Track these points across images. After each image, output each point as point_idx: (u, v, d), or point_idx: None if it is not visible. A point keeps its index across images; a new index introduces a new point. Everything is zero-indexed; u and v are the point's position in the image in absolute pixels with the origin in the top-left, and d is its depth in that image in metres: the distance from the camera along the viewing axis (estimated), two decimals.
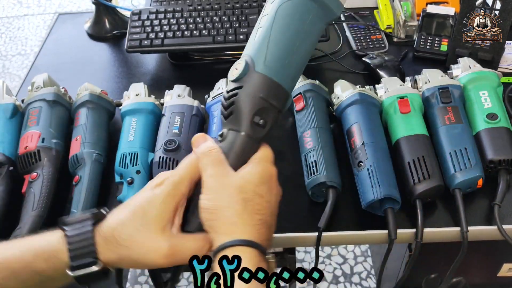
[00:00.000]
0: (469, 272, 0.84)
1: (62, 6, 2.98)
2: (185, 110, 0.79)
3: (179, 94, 0.83)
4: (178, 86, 0.85)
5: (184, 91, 0.84)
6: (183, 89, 0.84)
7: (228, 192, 0.46)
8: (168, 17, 0.99)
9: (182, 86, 0.85)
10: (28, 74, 1.03)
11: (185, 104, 0.80)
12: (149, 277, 1.51)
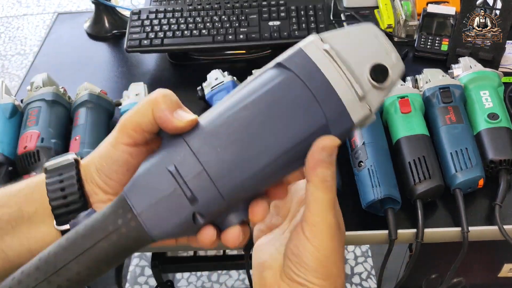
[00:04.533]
0: (469, 272, 0.84)
1: (61, 5, 2.97)
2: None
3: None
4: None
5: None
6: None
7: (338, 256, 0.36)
8: (168, 16, 0.99)
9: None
10: (28, 74, 1.03)
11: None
12: (148, 278, 1.51)
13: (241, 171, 0.32)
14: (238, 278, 1.51)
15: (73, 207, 0.37)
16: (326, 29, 0.94)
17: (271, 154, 0.32)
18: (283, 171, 0.34)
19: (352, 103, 0.33)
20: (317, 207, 0.34)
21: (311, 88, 0.33)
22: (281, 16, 0.97)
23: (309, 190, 0.34)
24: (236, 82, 0.84)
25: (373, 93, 0.34)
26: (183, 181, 0.31)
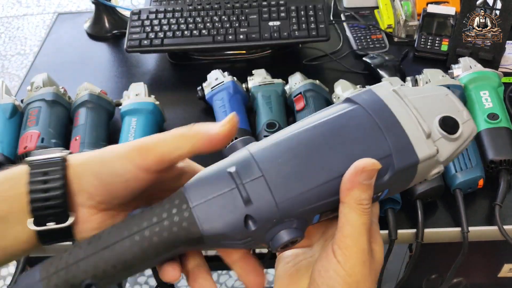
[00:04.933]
0: (469, 272, 0.84)
1: (61, 5, 2.97)
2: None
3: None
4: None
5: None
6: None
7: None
8: (168, 16, 0.99)
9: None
10: (28, 74, 1.03)
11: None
12: (148, 278, 1.51)
13: (298, 184, 0.32)
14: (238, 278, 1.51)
15: (52, 210, 0.34)
16: (326, 29, 0.94)
17: (329, 174, 0.33)
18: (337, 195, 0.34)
19: (418, 139, 0.33)
20: (349, 229, 0.33)
21: (377, 119, 0.34)
22: (281, 16, 0.97)
23: (342, 212, 0.33)
24: (236, 82, 0.84)
25: (442, 143, 0.34)
26: (241, 183, 0.32)
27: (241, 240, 0.33)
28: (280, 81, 0.85)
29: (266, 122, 0.77)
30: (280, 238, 0.33)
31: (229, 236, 0.32)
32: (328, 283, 0.33)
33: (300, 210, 0.32)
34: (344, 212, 0.33)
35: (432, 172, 0.35)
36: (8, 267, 1.60)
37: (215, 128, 0.34)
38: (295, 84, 0.83)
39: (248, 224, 0.32)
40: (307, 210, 0.33)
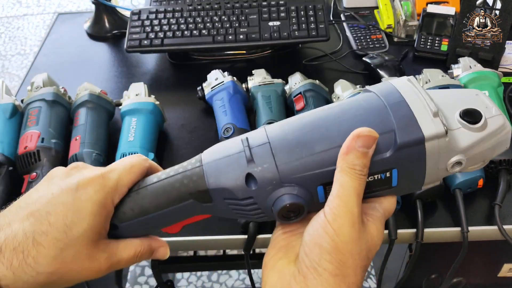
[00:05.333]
0: (469, 272, 0.84)
1: (61, 5, 2.97)
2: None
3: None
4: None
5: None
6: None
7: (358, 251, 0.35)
8: (168, 17, 0.99)
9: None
10: (28, 74, 1.03)
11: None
12: (148, 277, 1.51)
13: (299, 151, 0.34)
14: (238, 278, 1.51)
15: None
16: (326, 29, 0.95)
17: (329, 143, 0.35)
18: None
19: (424, 117, 0.34)
20: (340, 190, 0.34)
21: (385, 100, 0.35)
22: (281, 16, 0.97)
23: (336, 175, 0.34)
24: (236, 82, 0.84)
25: (462, 132, 0.35)
26: (248, 147, 0.35)
27: (244, 201, 0.35)
28: (280, 81, 0.85)
29: (266, 122, 0.77)
30: (281, 201, 0.34)
31: (232, 192, 0.35)
32: (317, 241, 0.34)
33: (299, 176, 0.34)
34: (337, 176, 0.34)
35: (451, 160, 0.35)
36: None
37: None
38: (295, 84, 0.83)
39: (250, 182, 0.35)
40: (306, 176, 0.34)
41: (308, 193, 0.35)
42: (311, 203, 0.36)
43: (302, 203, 0.35)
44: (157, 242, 0.42)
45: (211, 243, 0.70)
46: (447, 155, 0.35)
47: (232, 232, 0.69)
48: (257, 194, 0.35)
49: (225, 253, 1.20)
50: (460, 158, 0.35)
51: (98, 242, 0.37)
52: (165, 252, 0.42)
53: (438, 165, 0.35)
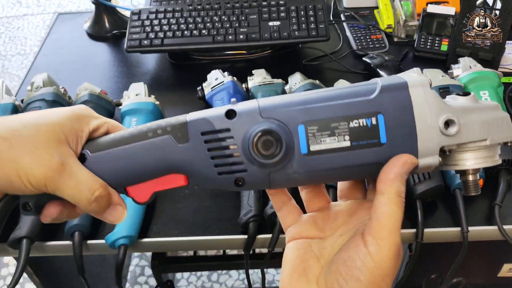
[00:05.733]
0: (469, 272, 0.84)
1: (61, 5, 2.97)
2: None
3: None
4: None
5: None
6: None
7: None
8: (168, 17, 0.99)
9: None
10: (28, 74, 1.03)
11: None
12: (148, 277, 1.51)
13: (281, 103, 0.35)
14: (238, 278, 1.51)
15: None
16: (326, 29, 0.95)
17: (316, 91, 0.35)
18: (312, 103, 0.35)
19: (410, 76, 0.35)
20: (388, 220, 0.32)
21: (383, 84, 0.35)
22: (281, 16, 0.97)
23: (381, 202, 0.33)
24: (236, 82, 0.84)
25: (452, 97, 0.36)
26: (235, 102, 0.35)
27: (221, 133, 0.34)
28: (280, 81, 0.85)
29: None
30: (257, 129, 0.34)
31: (210, 123, 0.35)
32: (354, 274, 0.32)
33: (279, 110, 0.34)
34: (384, 203, 0.33)
35: (442, 116, 0.34)
36: (8, 267, 1.60)
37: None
38: (295, 84, 0.83)
39: (230, 116, 0.35)
40: (287, 112, 0.34)
41: (288, 131, 0.34)
42: (290, 145, 0.34)
43: (279, 133, 0.34)
44: (118, 198, 0.37)
45: (211, 243, 0.70)
46: (437, 110, 0.34)
47: (232, 232, 0.69)
48: (235, 125, 0.34)
49: (225, 253, 1.20)
50: (451, 116, 0.34)
51: (62, 144, 0.35)
52: (121, 213, 0.38)
53: (428, 120, 0.34)
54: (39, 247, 0.69)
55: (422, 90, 0.34)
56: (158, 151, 0.35)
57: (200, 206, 0.73)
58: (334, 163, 0.34)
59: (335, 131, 0.34)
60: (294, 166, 0.35)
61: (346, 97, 0.35)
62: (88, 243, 0.68)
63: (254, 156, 0.34)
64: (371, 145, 0.34)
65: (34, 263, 0.86)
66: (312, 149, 0.34)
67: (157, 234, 0.69)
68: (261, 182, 0.35)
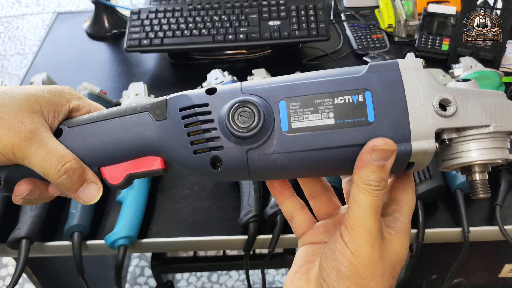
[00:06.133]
0: (470, 272, 0.83)
1: (61, 5, 2.97)
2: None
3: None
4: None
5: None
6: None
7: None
8: (167, 16, 0.99)
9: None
10: (27, 74, 1.03)
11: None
12: (148, 278, 1.51)
13: (264, 81, 0.34)
14: (238, 278, 1.51)
15: None
16: (327, 28, 0.94)
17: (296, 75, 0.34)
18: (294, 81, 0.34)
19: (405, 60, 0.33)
20: (356, 209, 0.31)
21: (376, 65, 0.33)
22: (281, 16, 0.97)
23: (351, 191, 0.32)
24: (236, 82, 0.84)
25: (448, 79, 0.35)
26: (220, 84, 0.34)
27: (199, 108, 0.33)
28: None
29: None
30: (234, 100, 0.33)
31: (189, 98, 0.34)
32: (334, 265, 0.32)
33: (260, 87, 0.33)
34: (352, 192, 0.32)
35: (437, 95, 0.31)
36: (7, 268, 1.60)
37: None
38: None
39: (211, 92, 0.34)
40: (267, 88, 0.33)
41: (268, 106, 0.32)
42: (270, 120, 0.32)
43: (257, 105, 0.32)
44: (92, 175, 0.35)
45: (211, 243, 0.69)
46: (431, 89, 0.31)
47: (232, 233, 0.69)
48: (214, 100, 0.33)
49: (225, 254, 1.19)
50: (446, 95, 0.31)
51: (35, 114, 0.34)
52: (96, 192, 0.35)
53: (421, 98, 0.31)
54: (38, 248, 0.68)
55: (414, 69, 0.32)
56: (135, 128, 0.34)
57: (200, 206, 0.72)
58: (316, 143, 0.32)
59: (319, 108, 0.32)
60: (274, 145, 0.32)
61: (332, 76, 0.33)
62: (88, 243, 0.68)
63: (229, 128, 0.32)
64: (357, 124, 0.31)
65: (33, 263, 0.86)
66: (294, 126, 0.32)
67: (157, 234, 0.69)
68: (238, 163, 0.32)
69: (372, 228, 0.31)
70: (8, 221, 0.68)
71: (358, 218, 0.31)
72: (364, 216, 0.31)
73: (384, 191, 0.32)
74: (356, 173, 0.32)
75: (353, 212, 0.32)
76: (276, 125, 0.32)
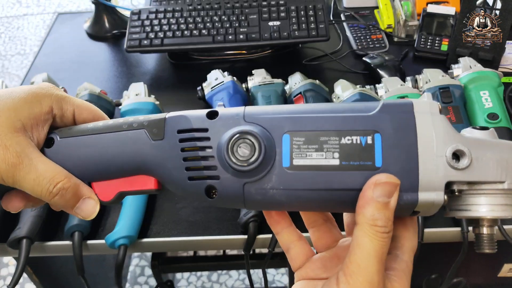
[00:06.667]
0: (469, 272, 0.84)
1: (61, 5, 2.97)
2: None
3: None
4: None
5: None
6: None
7: None
8: (167, 16, 0.99)
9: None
10: (28, 74, 1.03)
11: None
12: (148, 278, 1.51)
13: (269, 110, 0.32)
14: (238, 278, 1.51)
15: None
16: (326, 29, 0.94)
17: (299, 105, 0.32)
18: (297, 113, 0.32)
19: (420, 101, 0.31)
20: (359, 254, 0.28)
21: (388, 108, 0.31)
22: (281, 16, 0.97)
23: (354, 233, 0.29)
24: (236, 82, 0.84)
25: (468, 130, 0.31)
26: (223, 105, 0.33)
27: (198, 133, 0.32)
28: (280, 81, 0.85)
29: None
30: (235, 129, 0.31)
31: (189, 120, 0.32)
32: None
33: (264, 116, 0.31)
34: (356, 234, 0.29)
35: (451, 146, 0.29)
36: (8, 267, 1.60)
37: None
38: (295, 84, 0.83)
39: (211, 115, 0.32)
40: (272, 118, 0.31)
41: (271, 139, 0.31)
42: (271, 154, 0.30)
43: (258, 137, 0.30)
44: (87, 191, 0.34)
45: (211, 243, 0.70)
46: (445, 137, 0.29)
47: (232, 232, 0.69)
48: (214, 126, 0.31)
49: (225, 253, 1.20)
50: (461, 146, 0.29)
51: (18, 133, 0.31)
52: (93, 208, 0.34)
53: (434, 147, 0.29)
54: (39, 247, 0.69)
55: (429, 113, 0.30)
56: (130, 145, 0.33)
57: (200, 206, 0.73)
58: (318, 184, 0.30)
59: (324, 146, 0.30)
60: (273, 180, 0.30)
61: (341, 111, 0.31)
62: (88, 243, 0.68)
63: (227, 159, 0.30)
64: (363, 167, 0.29)
65: (34, 263, 0.86)
66: (295, 163, 0.30)
67: (157, 234, 0.69)
68: (234, 195, 0.31)
69: (374, 278, 0.28)
70: (8, 221, 0.69)
71: (360, 265, 0.28)
72: (367, 264, 0.28)
73: (390, 236, 0.29)
74: (360, 213, 0.29)
75: (355, 258, 0.28)
76: (277, 160, 0.30)
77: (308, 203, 0.32)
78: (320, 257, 0.36)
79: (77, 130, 0.34)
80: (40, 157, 0.32)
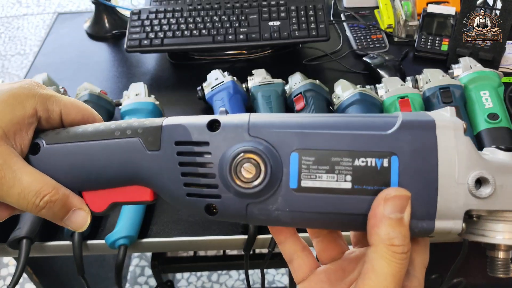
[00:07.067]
0: (469, 272, 0.84)
1: (61, 5, 2.97)
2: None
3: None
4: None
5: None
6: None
7: None
8: (167, 16, 0.99)
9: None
10: (28, 74, 1.03)
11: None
12: (148, 278, 1.51)
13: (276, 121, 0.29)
14: (238, 278, 1.51)
15: None
16: (326, 29, 0.94)
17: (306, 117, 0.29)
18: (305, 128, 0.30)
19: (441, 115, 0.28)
20: (374, 279, 0.26)
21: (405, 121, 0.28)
22: (281, 16, 0.97)
23: (368, 255, 0.26)
24: (236, 82, 0.84)
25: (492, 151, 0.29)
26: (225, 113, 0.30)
27: (198, 147, 0.29)
28: (280, 81, 0.85)
29: None
30: (238, 147, 0.28)
31: (187, 131, 0.29)
32: None
33: (271, 130, 0.28)
34: (371, 257, 0.26)
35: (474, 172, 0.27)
36: (8, 268, 1.60)
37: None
38: (295, 84, 0.83)
39: (212, 127, 0.29)
40: (280, 133, 0.28)
41: (277, 157, 0.28)
42: (277, 174, 0.28)
43: (264, 157, 0.28)
44: (78, 201, 0.31)
45: (211, 243, 0.70)
46: (468, 162, 0.27)
47: (232, 232, 0.69)
48: (216, 140, 0.29)
49: (225, 253, 1.20)
50: (485, 173, 0.27)
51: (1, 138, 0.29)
52: (84, 219, 0.31)
53: (455, 173, 0.27)
54: (39, 247, 0.69)
55: (452, 134, 0.27)
56: (122, 155, 0.30)
57: None
58: (327, 208, 0.28)
59: (335, 168, 0.28)
60: (278, 202, 0.28)
61: (356, 128, 0.28)
62: (88, 243, 0.68)
63: (230, 181, 0.28)
64: (377, 193, 0.27)
65: (34, 263, 0.86)
66: (304, 184, 0.28)
67: (157, 234, 0.69)
68: (237, 214, 0.29)
69: None
70: (8, 221, 0.68)
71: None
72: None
73: (408, 256, 0.26)
74: (373, 233, 0.26)
75: (369, 282, 0.26)
76: (284, 180, 0.28)
77: (314, 224, 0.30)
78: (324, 270, 0.34)
79: (65, 136, 0.31)
80: (25, 167, 0.30)
